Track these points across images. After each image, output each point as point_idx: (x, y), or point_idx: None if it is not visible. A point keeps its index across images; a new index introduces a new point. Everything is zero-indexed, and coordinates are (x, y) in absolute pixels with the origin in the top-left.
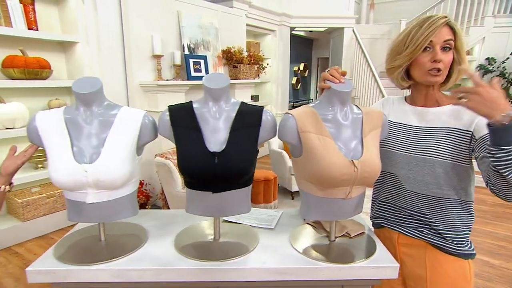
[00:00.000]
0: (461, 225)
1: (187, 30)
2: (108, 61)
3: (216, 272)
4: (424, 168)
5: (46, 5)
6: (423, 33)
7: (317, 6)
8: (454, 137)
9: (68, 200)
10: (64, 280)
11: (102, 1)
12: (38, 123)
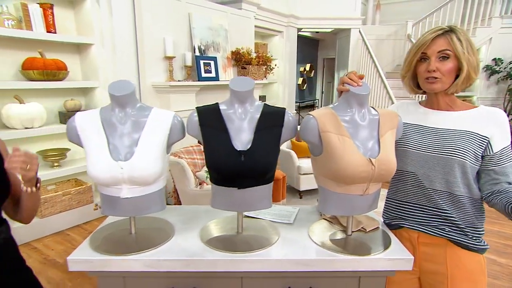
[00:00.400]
0: (477, 221)
1: (197, 32)
2: (122, 62)
3: (242, 263)
4: (444, 167)
5: (63, 9)
6: (417, 46)
7: (324, 7)
8: (472, 140)
9: (103, 195)
10: (101, 269)
11: (117, 4)
12: (77, 123)
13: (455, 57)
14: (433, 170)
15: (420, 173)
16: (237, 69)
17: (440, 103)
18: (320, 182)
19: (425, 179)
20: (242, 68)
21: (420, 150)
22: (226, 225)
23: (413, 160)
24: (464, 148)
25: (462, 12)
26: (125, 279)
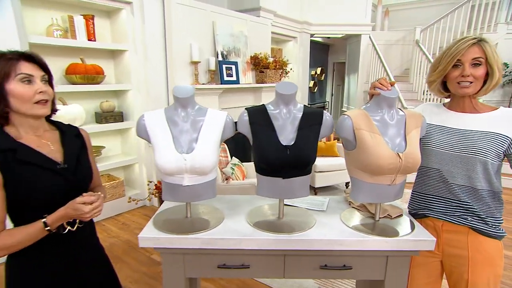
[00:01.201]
0: (497, 211)
1: (220, 38)
2: (152, 67)
3: (286, 242)
4: (467, 165)
5: (101, 19)
6: (452, 54)
7: (335, 14)
8: (493, 140)
9: (165, 183)
10: (166, 245)
11: (149, 14)
12: (146, 121)
13: (485, 64)
14: (456, 167)
15: (444, 170)
16: (255, 73)
17: (465, 105)
18: (352, 173)
19: (448, 175)
20: (260, 72)
21: (444, 149)
22: (268, 211)
23: (438, 158)
24: (486, 148)
25: (469, 18)
26: (184, 256)
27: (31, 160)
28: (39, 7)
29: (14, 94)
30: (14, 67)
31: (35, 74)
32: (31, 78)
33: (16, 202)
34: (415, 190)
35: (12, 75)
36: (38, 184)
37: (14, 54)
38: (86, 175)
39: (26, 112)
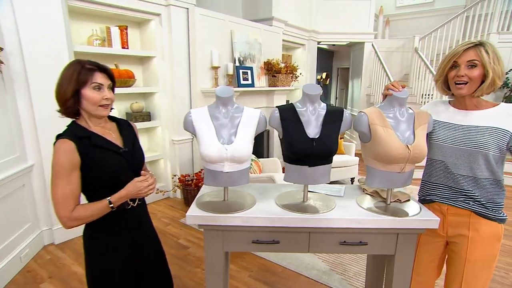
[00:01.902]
0: (498, 198)
1: (238, 46)
2: (177, 72)
3: (312, 220)
4: (469, 157)
5: (132, 29)
6: (450, 56)
7: (341, 23)
8: (495, 135)
9: (208, 170)
10: (210, 222)
11: (175, 25)
12: (192, 117)
13: (481, 66)
14: (460, 159)
15: (449, 162)
16: (268, 77)
17: (467, 104)
18: (367, 163)
19: (453, 166)
20: (272, 76)
21: (449, 144)
22: (293, 196)
23: (443, 151)
24: (487, 142)
25: (464, 28)
26: (223, 232)
27: (102, 144)
28: (82, 20)
29: (86, 98)
30: (91, 77)
31: (104, 83)
32: (101, 86)
33: (90, 182)
34: (423, 179)
35: (88, 83)
36: (107, 164)
37: (92, 65)
38: (140, 158)
39: (91, 112)
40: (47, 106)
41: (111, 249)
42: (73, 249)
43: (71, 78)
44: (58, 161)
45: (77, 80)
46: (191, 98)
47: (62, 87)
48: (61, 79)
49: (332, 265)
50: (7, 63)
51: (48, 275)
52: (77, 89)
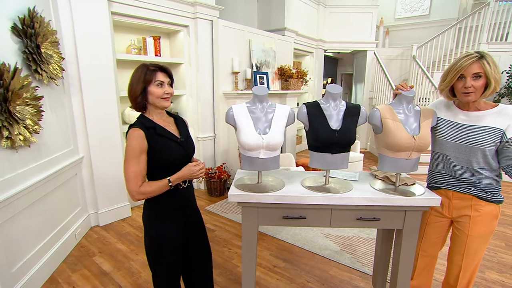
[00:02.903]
0: (494, 183)
1: (255, 53)
2: (202, 76)
3: (332, 200)
4: (469, 152)
5: (164, 39)
6: (456, 69)
7: (346, 33)
8: (491, 133)
9: (245, 156)
10: (248, 200)
11: (201, 35)
12: (234, 111)
13: (485, 77)
14: (460, 154)
15: (451, 156)
16: (281, 81)
17: (470, 106)
18: (379, 151)
19: (455, 159)
20: (285, 81)
21: (452, 140)
22: (316, 180)
23: (446, 146)
24: (484, 140)
25: (457, 39)
26: (258, 209)
27: (164, 134)
28: (123, 32)
29: (152, 93)
30: (154, 76)
31: (165, 80)
32: (162, 83)
33: (153, 164)
34: (430, 169)
35: (153, 81)
36: (168, 150)
37: (155, 67)
38: (192, 147)
39: (156, 104)
40: (95, 106)
41: (166, 221)
42: (115, 230)
43: (139, 79)
44: (131, 145)
45: (144, 80)
46: (214, 100)
47: (133, 87)
48: (132, 80)
49: (342, 246)
50: (66, 70)
51: (98, 250)
52: (145, 87)
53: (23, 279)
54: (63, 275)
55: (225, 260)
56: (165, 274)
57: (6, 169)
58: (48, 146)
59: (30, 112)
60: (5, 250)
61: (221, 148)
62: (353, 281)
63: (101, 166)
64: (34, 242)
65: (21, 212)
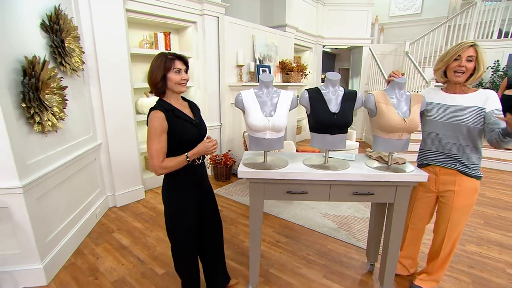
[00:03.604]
0: (476, 160)
1: (258, 48)
2: (209, 69)
3: (331, 176)
4: (457, 129)
5: (173, 34)
6: (455, 50)
7: (343, 29)
8: (475, 112)
9: (252, 137)
10: (255, 176)
11: (208, 30)
12: (242, 96)
13: (475, 61)
14: (449, 131)
15: (441, 133)
16: (282, 74)
17: (456, 89)
18: (374, 132)
19: (443, 136)
20: (286, 74)
21: (441, 119)
22: (316, 159)
23: (437, 125)
24: (468, 116)
25: (446, 36)
26: (264, 185)
27: (182, 116)
28: (136, 28)
29: (170, 79)
30: (173, 64)
31: (182, 68)
32: (180, 70)
33: (172, 143)
34: (421, 148)
35: (172, 68)
36: (185, 131)
37: (173, 55)
38: (205, 128)
39: (174, 89)
40: (112, 96)
41: (183, 194)
42: (131, 211)
43: (159, 67)
44: (153, 125)
45: (164, 68)
46: (220, 91)
47: (154, 74)
48: (152, 68)
49: (339, 224)
50: (86, 62)
51: (116, 228)
52: (164, 74)
53: (55, 249)
54: (87, 247)
55: (232, 236)
56: (183, 243)
57: (38, 151)
58: (71, 132)
59: (56, 101)
60: (41, 221)
61: (227, 137)
62: (349, 254)
63: (118, 152)
64: (61, 218)
65: (51, 191)
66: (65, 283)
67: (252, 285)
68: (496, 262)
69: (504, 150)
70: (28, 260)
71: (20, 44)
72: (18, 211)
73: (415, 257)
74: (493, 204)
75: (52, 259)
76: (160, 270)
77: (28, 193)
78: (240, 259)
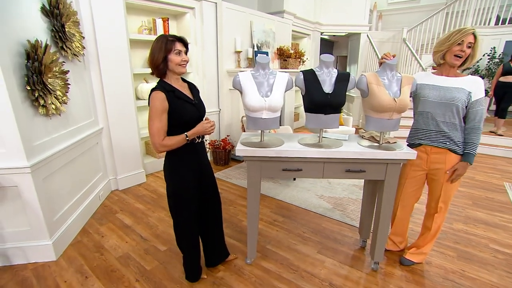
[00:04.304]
0: (461, 138)
1: (256, 34)
2: (207, 55)
3: (325, 154)
4: (447, 108)
5: (171, 20)
6: (460, 35)
7: (341, 16)
8: (462, 93)
9: (249, 117)
10: (252, 154)
11: (206, 16)
12: (240, 78)
13: (473, 48)
14: (440, 110)
15: (433, 112)
16: (280, 61)
17: (450, 72)
18: (366, 112)
19: (436, 115)
20: (284, 60)
21: (433, 99)
22: (311, 139)
23: (429, 105)
24: (457, 97)
25: (444, 23)
26: (261, 162)
27: (182, 97)
28: (134, 14)
29: (171, 60)
30: (173, 45)
31: (182, 49)
32: (180, 52)
33: (172, 122)
34: (413, 127)
35: (172, 49)
36: (185, 111)
37: (174, 38)
38: (204, 108)
39: (175, 70)
40: (112, 81)
41: (184, 171)
42: (133, 193)
43: (160, 48)
44: (154, 105)
45: (165, 49)
46: (218, 77)
47: (155, 56)
48: (153, 50)
49: (334, 205)
50: (86, 48)
51: (119, 209)
52: (165, 56)
53: (62, 227)
54: (92, 227)
55: (231, 216)
56: (184, 219)
57: (43, 134)
58: (73, 116)
59: (59, 84)
60: (48, 201)
61: (225, 122)
62: (343, 232)
63: (119, 137)
64: (67, 199)
65: (56, 172)
66: (73, 258)
67: (250, 259)
68: (480, 238)
69: (497, 136)
70: (38, 237)
71: (23, 27)
72: (27, 190)
73: (404, 234)
74: (482, 186)
75: (60, 237)
76: (162, 246)
77: (35, 173)
78: (239, 237)
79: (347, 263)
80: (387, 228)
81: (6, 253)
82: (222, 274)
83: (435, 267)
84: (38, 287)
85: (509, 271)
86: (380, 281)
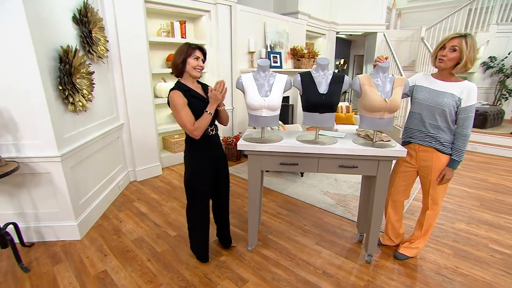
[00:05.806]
0: (450, 139)
1: (269, 35)
2: (222, 55)
3: (320, 150)
4: (435, 111)
5: (188, 23)
6: (442, 41)
7: (357, 15)
8: (452, 98)
9: (251, 115)
10: (252, 148)
11: (221, 19)
12: (242, 79)
13: (459, 52)
14: (429, 112)
15: (423, 114)
16: (293, 61)
17: (444, 76)
18: (360, 112)
19: (425, 117)
20: (297, 60)
21: (424, 102)
22: (308, 136)
23: (420, 107)
24: (446, 102)
25: (466, 20)
26: (260, 156)
27: (196, 95)
28: (153, 17)
29: (189, 63)
30: (194, 52)
31: (200, 56)
32: (198, 58)
33: None
34: (405, 125)
35: (192, 54)
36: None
37: (195, 46)
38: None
39: (190, 73)
40: (133, 81)
41: (200, 159)
42: (150, 185)
43: (182, 51)
44: (176, 101)
45: (186, 53)
46: (232, 77)
47: (176, 57)
48: (176, 52)
49: (338, 201)
50: (110, 50)
51: (136, 198)
52: (185, 58)
53: (86, 211)
54: (112, 213)
55: (238, 208)
56: (198, 199)
57: (71, 128)
58: (97, 112)
59: (86, 84)
60: (75, 187)
61: (238, 120)
62: (342, 226)
63: (138, 132)
64: (91, 186)
65: (83, 161)
66: (94, 239)
67: (250, 246)
68: (481, 238)
69: None
70: (66, 218)
71: (57, 35)
72: (57, 176)
73: (398, 229)
74: (493, 188)
75: (84, 219)
76: (172, 232)
77: (65, 162)
78: (244, 227)
79: (343, 255)
80: (380, 221)
81: (40, 230)
82: (225, 259)
83: (428, 262)
84: (66, 261)
85: (505, 270)
86: (372, 272)
